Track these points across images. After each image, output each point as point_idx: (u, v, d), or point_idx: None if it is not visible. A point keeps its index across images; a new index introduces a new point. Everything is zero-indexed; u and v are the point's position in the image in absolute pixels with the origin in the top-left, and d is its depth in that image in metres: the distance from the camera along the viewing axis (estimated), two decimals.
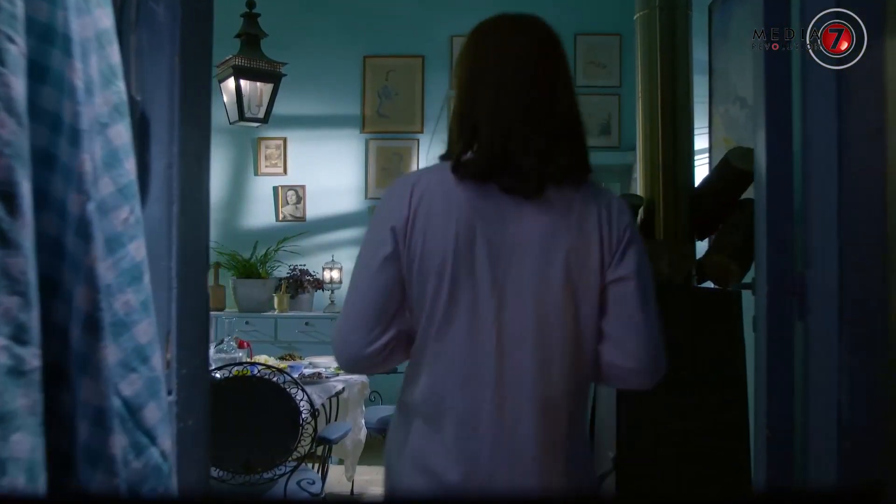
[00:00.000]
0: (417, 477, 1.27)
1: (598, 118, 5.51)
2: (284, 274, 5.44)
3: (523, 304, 1.25)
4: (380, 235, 1.27)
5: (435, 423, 1.26)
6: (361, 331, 1.26)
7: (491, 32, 1.32)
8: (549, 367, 1.25)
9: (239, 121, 3.97)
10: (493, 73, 1.28)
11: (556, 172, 1.26)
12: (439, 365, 1.26)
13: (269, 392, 2.64)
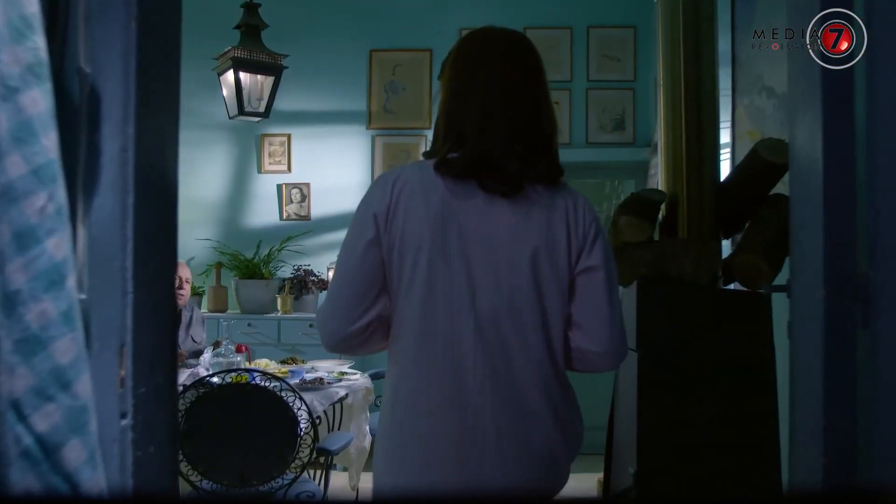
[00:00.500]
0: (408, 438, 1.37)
1: (612, 113, 5.33)
2: (288, 274, 5.28)
3: (495, 291, 1.36)
4: (363, 221, 1.37)
5: (420, 395, 1.36)
6: (346, 310, 1.37)
7: (481, 47, 1.46)
8: (522, 349, 1.36)
9: (239, 115, 3.82)
10: (483, 88, 1.40)
11: (535, 176, 1.39)
12: (420, 345, 1.36)
13: (265, 400, 2.48)
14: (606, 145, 5.31)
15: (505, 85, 1.41)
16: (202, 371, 3.40)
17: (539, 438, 1.40)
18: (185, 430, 2.43)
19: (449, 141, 1.41)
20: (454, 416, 1.35)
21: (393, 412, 1.40)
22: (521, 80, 1.43)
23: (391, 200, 1.36)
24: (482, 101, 1.40)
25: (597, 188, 5.75)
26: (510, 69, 1.42)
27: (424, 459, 1.36)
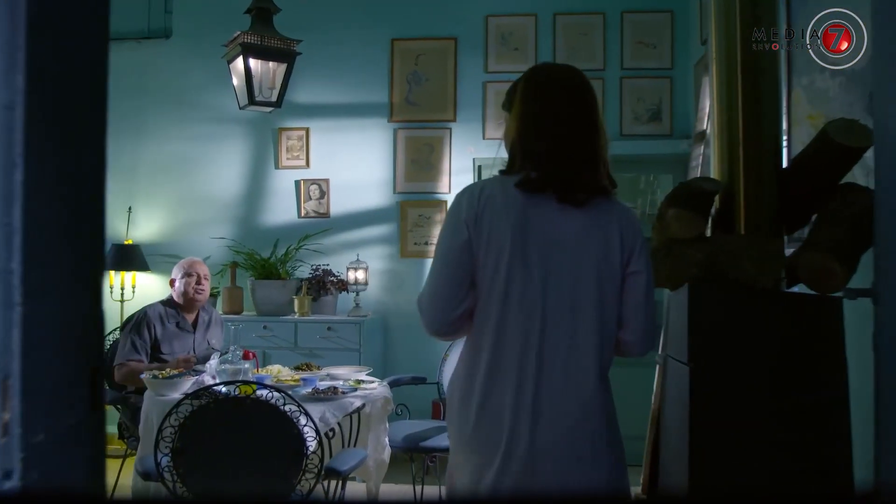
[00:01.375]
0: (486, 407, 1.64)
1: (647, 103, 5.02)
2: (306, 274, 5.04)
3: (564, 289, 1.65)
4: (455, 227, 1.66)
5: (496, 377, 1.64)
6: (446, 301, 1.65)
7: (549, 81, 1.75)
8: (580, 341, 1.64)
9: (249, 105, 3.58)
10: (553, 121, 1.68)
11: (597, 189, 1.68)
12: (498, 333, 1.64)
13: (267, 416, 2.23)
14: (642, 137, 5.00)
15: (571, 115, 1.69)
16: (208, 379, 3.16)
17: (587, 415, 1.67)
18: (178, 448, 2.19)
19: (530, 163, 1.67)
20: (520, 394, 1.62)
21: (469, 388, 1.67)
22: (583, 110, 1.71)
23: (478, 209, 1.65)
24: (553, 130, 1.68)
25: (631, 183, 5.43)
26: (574, 101, 1.71)
27: (494, 426, 1.63)
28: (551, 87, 1.73)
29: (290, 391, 3.15)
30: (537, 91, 1.73)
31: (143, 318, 3.68)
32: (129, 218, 5.33)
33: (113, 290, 5.27)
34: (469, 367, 1.70)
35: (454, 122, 5.13)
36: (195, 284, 3.82)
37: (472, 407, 1.66)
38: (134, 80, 5.39)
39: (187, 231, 5.32)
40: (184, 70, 5.32)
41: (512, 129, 1.74)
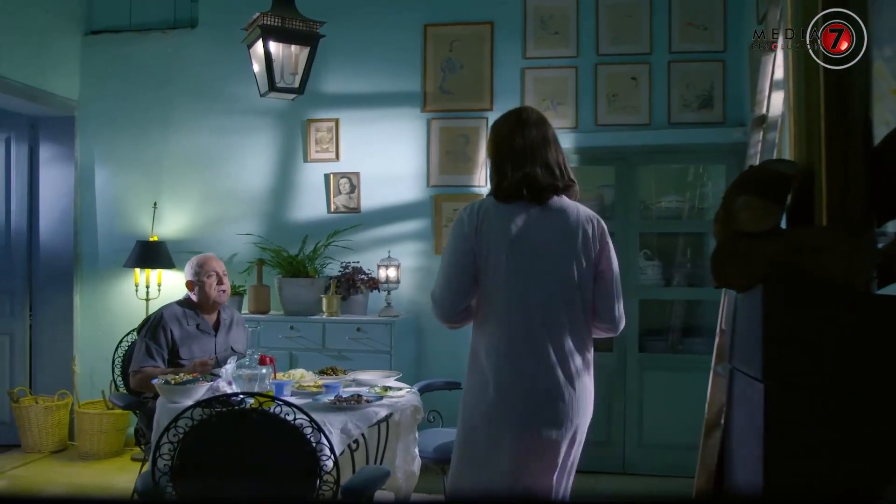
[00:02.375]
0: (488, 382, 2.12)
1: (697, 89, 4.67)
2: (335, 272, 4.82)
3: (552, 281, 2.16)
4: (461, 237, 2.16)
5: (503, 356, 2.13)
6: (459, 293, 2.15)
7: (506, 122, 2.29)
8: (571, 322, 2.17)
9: (270, 91, 3.36)
10: (514, 144, 2.21)
11: (556, 189, 2.20)
12: (505, 318, 2.14)
13: (275, 431, 1.98)
14: (691, 125, 4.66)
15: (525, 137, 2.21)
16: (223, 385, 2.94)
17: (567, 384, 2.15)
18: (178, 466, 1.97)
19: (498, 177, 2.22)
20: (527, 366, 2.11)
21: (480, 365, 2.15)
22: (534, 132, 2.22)
23: (478, 222, 2.14)
24: (515, 151, 2.19)
25: (678, 175, 5.09)
26: (525, 128, 2.22)
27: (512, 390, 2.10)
28: (509, 123, 2.28)
29: (312, 398, 2.92)
30: (500, 129, 2.29)
31: (158, 321, 3.47)
32: (154, 214, 5.17)
33: (138, 289, 5.10)
34: (479, 352, 2.18)
35: (491, 111, 4.85)
36: (217, 285, 3.60)
37: (488, 384, 2.12)
38: (160, 72, 5.23)
39: (213, 227, 5.14)
40: (210, 60, 5.14)
41: (495, 159, 2.26)
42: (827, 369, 1.57)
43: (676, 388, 4.56)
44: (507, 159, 2.20)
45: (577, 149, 4.74)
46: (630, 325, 4.60)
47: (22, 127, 5.26)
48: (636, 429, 4.61)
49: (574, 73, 4.77)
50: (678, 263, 4.88)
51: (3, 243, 5.24)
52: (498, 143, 2.26)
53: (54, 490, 4.31)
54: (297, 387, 3.17)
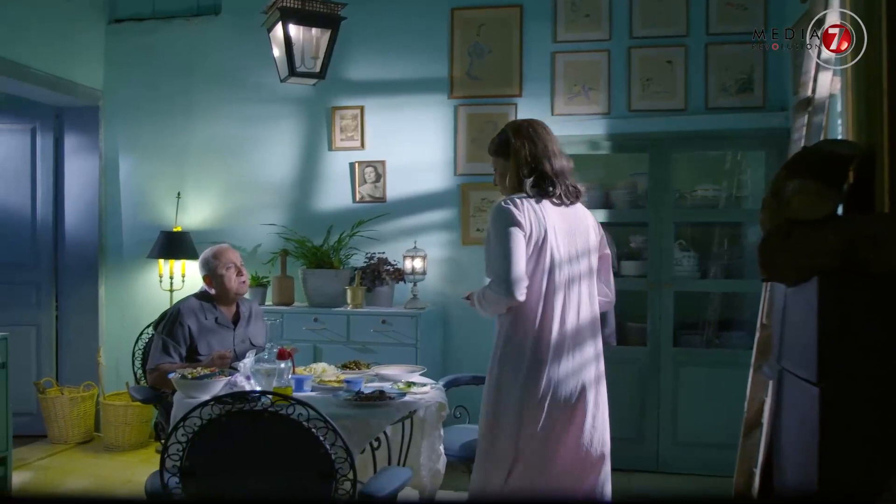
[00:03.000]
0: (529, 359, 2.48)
1: (736, 72, 4.47)
2: (360, 263, 4.71)
3: (576, 264, 2.55)
4: (514, 225, 2.45)
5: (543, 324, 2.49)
6: (525, 273, 2.44)
7: (539, 131, 2.62)
8: (586, 300, 2.57)
9: (290, 76, 3.25)
10: (548, 153, 2.57)
11: (576, 195, 2.62)
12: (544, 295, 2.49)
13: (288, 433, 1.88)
14: (729, 110, 4.47)
15: (552, 149, 2.59)
16: (241, 380, 2.84)
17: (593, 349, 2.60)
18: (188, 468, 1.87)
19: (543, 181, 2.53)
20: (558, 334, 2.47)
21: (517, 335, 2.48)
22: (555, 144, 2.62)
23: (524, 215, 2.46)
24: (549, 159, 2.56)
25: (715, 163, 4.89)
26: (551, 139, 2.61)
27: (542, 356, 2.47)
28: (544, 134, 2.61)
29: (332, 394, 2.82)
30: (530, 137, 2.58)
31: (175, 316, 3.37)
32: (177, 204, 5.10)
33: (162, 280, 5.05)
34: (514, 323, 2.50)
35: (520, 97, 4.70)
36: (237, 276, 3.50)
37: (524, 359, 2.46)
38: (183, 60, 5.16)
39: (237, 217, 5.06)
40: (233, 47, 5.05)
41: (523, 164, 2.55)
42: (887, 370, 1.42)
43: (712, 384, 4.39)
44: (546, 163, 2.54)
45: (609, 135, 4.57)
46: (664, 318, 4.45)
47: (47, 117, 5.23)
48: (670, 426, 4.45)
49: (606, 56, 4.60)
50: (715, 254, 4.70)
51: (29, 234, 5.22)
52: (538, 147, 2.56)
53: (77, 481, 4.27)
54: (317, 381, 3.07)
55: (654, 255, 4.50)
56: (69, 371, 5.26)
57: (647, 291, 4.50)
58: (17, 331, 5.13)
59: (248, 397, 2.19)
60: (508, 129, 2.62)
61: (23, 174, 5.21)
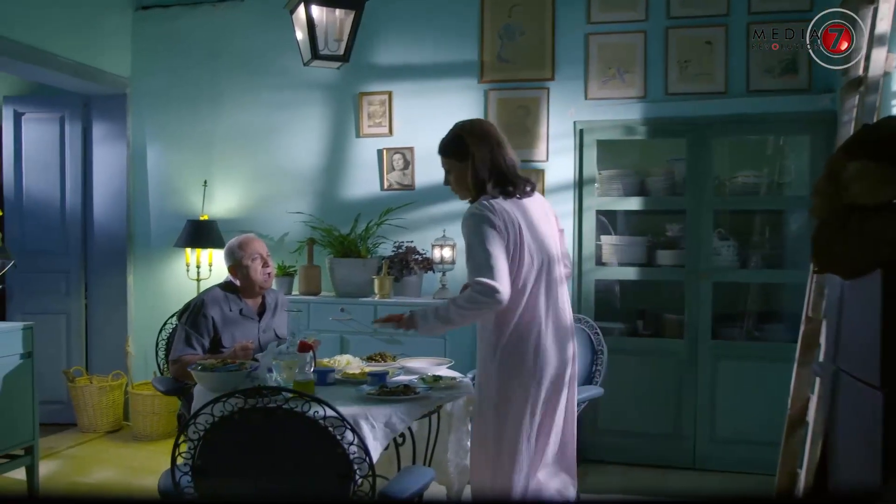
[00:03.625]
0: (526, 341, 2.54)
1: (780, 52, 4.25)
2: (388, 252, 4.61)
3: (550, 249, 2.63)
4: (495, 228, 2.48)
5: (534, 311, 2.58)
6: (509, 277, 2.47)
7: (489, 128, 2.66)
8: (565, 292, 2.68)
9: (313, 59, 3.15)
10: (502, 150, 2.62)
11: (532, 185, 2.66)
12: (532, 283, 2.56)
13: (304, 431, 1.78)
14: (772, 93, 4.26)
15: (500, 142, 2.64)
16: (262, 373, 2.76)
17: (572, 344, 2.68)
18: (200, 466, 1.79)
19: (502, 181, 2.59)
20: (549, 329, 2.57)
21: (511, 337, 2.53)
22: (502, 137, 2.66)
23: (499, 217, 2.51)
24: (506, 157, 2.63)
25: (756, 147, 4.70)
26: (501, 137, 2.66)
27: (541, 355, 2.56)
28: (488, 131, 2.63)
29: (355, 388, 2.72)
30: (484, 137, 2.60)
31: (199, 307, 3.30)
32: (204, 192, 5.05)
33: (189, 269, 5.01)
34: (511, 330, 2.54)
35: (552, 80, 4.55)
36: (262, 268, 3.41)
37: (528, 347, 2.52)
38: (209, 46, 5.09)
39: (263, 206, 5.00)
40: (259, 33, 4.97)
41: (480, 166, 2.57)
42: None
43: (752, 378, 4.23)
44: (503, 162, 2.58)
45: (645, 120, 4.41)
46: (702, 309, 4.29)
47: (75, 106, 5.21)
48: (708, 421, 4.29)
49: (642, 38, 4.42)
50: (755, 243, 4.51)
51: (58, 223, 5.21)
52: (492, 146, 2.57)
53: (103, 471, 4.25)
54: (341, 374, 2.98)
55: (691, 244, 4.33)
56: (98, 360, 5.26)
57: (684, 282, 4.34)
58: (48, 319, 5.15)
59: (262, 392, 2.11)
60: (462, 131, 2.62)
61: (52, 163, 5.20)
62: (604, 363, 3.45)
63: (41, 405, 5.06)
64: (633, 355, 4.39)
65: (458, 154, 2.60)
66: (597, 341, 3.52)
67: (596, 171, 4.49)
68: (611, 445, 4.41)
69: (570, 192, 4.50)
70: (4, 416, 3.69)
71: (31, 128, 5.22)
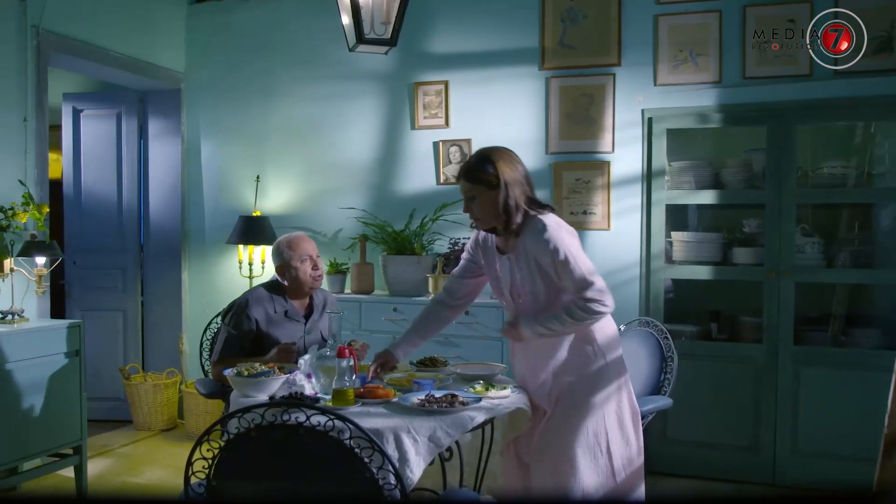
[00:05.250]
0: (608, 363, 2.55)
1: (872, 30, 3.83)
2: (444, 249, 4.41)
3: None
4: (576, 240, 2.52)
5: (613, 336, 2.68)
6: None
7: (515, 156, 2.62)
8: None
9: (359, 44, 2.96)
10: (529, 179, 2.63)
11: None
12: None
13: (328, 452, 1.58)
14: (863, 74, 3.87)
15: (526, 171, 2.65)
16: (301, 379, 2.59)
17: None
18: (215, 487, 1.61)
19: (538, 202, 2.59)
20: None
21: (611, 343, 2.60)
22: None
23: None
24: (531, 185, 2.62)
25: (843, 135, 4.30)
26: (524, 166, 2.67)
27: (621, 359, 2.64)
28: (516, 158, 2.59)
29: (399, 398, 2.51)
30: (514, 164, 2.56)
31: (243, 308, 3.14)
32: (256, 187, 4.94)
33: (242, 266, 4.90)
34: (611, 336, 2.60)
35: (618, 66, 4.26)
36: (312, 270, 3.23)
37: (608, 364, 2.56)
38: (261, 39, 4.98)
39: (316, 201, 4.86)
40: (311, 24, 4.83)
41: (515, 192, 2.50)
42: None
43: (839, 387, 3.87)
44: (530, 185, 2.59)
45: (720, 106, 4.08)
46: (784, 312, 3.94)
47: (131, 102, 5.17)
48: (789, 433, 3.94)
49: (717, 18, 4.09)
50: (842, 240, 4.13)
51: (115, 219, 5.18)
52: (523, 172, 2.58)
53: (153, 471, 4.17)
54: (387, 381, 2.78)
55: (772, 241, 3.98)
56: (154, 357, 5.22)
57: (763, 282, 4.00)
58: (105, 316, 5.15)
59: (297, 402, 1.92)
60: (492, 156, 2.55)
61: (109, 159, 5.18)
62: (673, 371, 3.16)
63: (99, 402, 5.09)
64: (705, 360, 4.07)
65: (488, 181, 2.50)
66: (666, 347, 3.23)
67: (666, 163, 4.19)
68: (680, 456, 4.10)
69: (637, 186, 4.21)
70: (52, 416, 3.63)
71: (89, 124, 5.21)
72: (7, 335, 3.46)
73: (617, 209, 4.25)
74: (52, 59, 4.27)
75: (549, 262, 2.45)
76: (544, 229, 2.45)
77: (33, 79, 4.05)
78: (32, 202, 3.82)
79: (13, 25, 3.95)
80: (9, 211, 3.71)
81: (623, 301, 3.98)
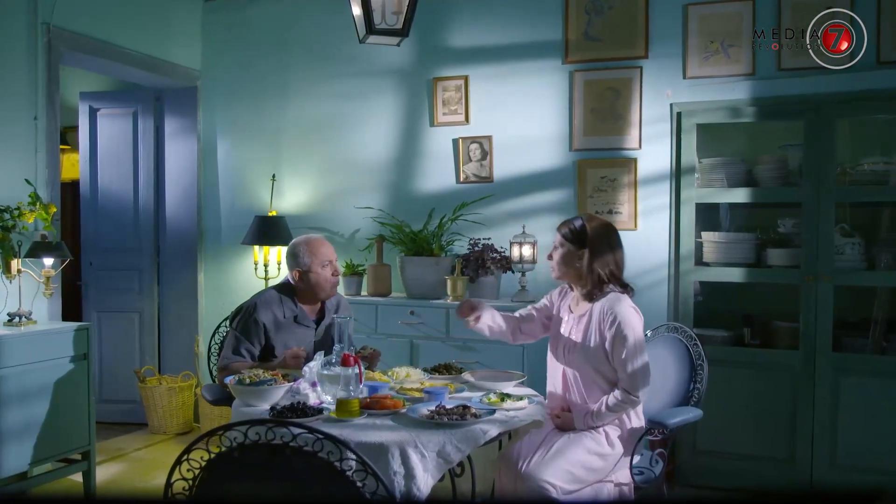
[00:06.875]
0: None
1: None
2: (464, 250, 4.25)
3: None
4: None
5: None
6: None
7: (612, 231, 2.73)
8: None
9: (369, 35, 2.82)
10: (620, 255, 2.73)
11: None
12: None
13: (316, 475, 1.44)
14: None
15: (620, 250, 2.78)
16: (305, 387, 2.45)
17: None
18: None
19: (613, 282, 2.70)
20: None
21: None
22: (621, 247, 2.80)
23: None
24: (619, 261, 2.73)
25: (887, 129, 4.07)
26: (619, 243, 2.78)
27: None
28: (611, 232, 2.72)
29: (407, 409, 2.36)
30: (613, 245, 2.69)
31: (251, 312, 3.01)
32: (272, 187, 4.83)
33: (257, 267, 4.79)
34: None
35: (645, 58, 4.07)
36: (331, 276, 3.09)
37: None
38: (277, 36, 4.88)
39: (332, 200, 4.73)
40: (326, 21, 4.71)
41: (599, 263, 2.63)
42: None
43: (881, 396, 3.66)
44: (620, 262, 2.72)
45: (753, 100, 3.87)
46: (822, 317, 3.73)
47: (148, 100, 5.09)
48: (827, 445, 3.73)
49: (750, 6, 3.87)
50: (885, 241, 3.90)
51: (132, 219, 5.11)
52: (614, 248, 2.69)
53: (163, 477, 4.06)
54: (398, 389, 2.64)
55: (809, 242, 3.77)
56: (170, 359, 5.14)
57: (799, 285, 3.79)
58: (122, 317, 5.08)
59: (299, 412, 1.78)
60: (588, 223, 2.67)
61: (125, 159, 5.10)
62: (703, 380, 2.97)
63: (114, 404, 5.01)
64: (737, 367, 3.87)
65: (578, 240, 2.65)
66: (695, 354, 3.04)
67: (696, 160, 3.99)
68: (711, 468, 3.91)
69: (665, 184, 4.02)
70: (59, 421, 3.55)
71: (105, 123, 5.14)
72: (13, 338, 3.38)
73: (644, 208, 4.06)
74: (66, 57, 4.19)
75: (610, 338, 2.55)
76: (627, 307, 2.59)
77: (44, 76, 3.97)
78: (39, 202, 3.73)
79: (23, 22, 3.87)
80: (14, 211, 3.63)
81: (650, 305, 3.80)
